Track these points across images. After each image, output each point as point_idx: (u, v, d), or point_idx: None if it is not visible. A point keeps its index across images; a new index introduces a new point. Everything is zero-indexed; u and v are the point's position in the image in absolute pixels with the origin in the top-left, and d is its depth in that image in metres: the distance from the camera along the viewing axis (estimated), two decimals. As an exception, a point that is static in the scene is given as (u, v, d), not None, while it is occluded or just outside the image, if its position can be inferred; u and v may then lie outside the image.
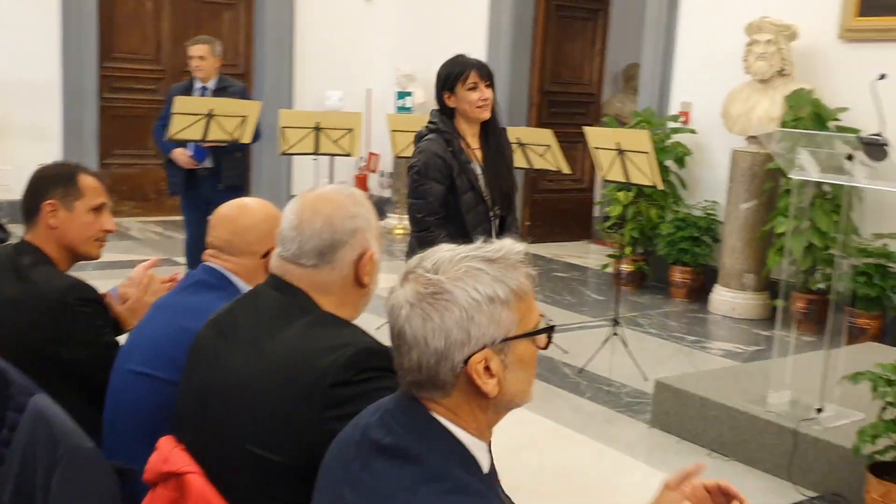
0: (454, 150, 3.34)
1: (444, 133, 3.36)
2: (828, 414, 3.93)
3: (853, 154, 3.70)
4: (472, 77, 3.34)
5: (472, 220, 3.34)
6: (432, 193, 3.32)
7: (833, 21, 6.15)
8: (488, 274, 1.38)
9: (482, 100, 3.35)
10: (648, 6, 7.36)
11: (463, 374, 1.37)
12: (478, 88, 3.35)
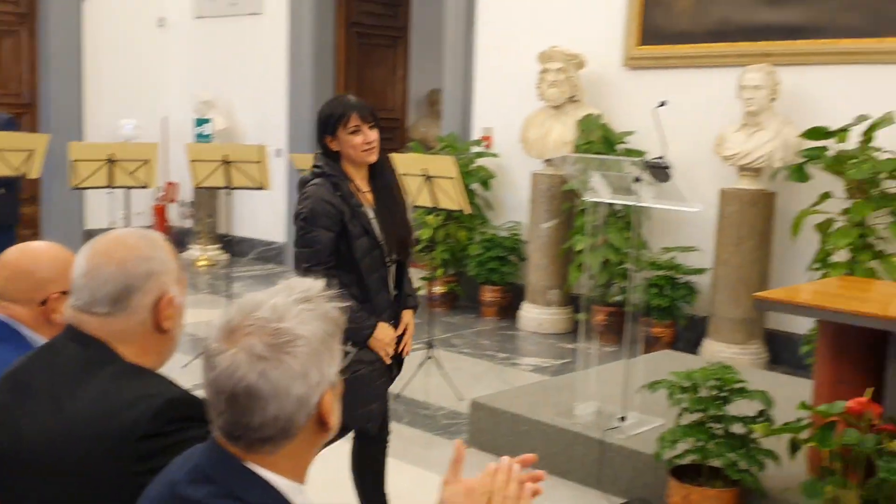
0: (343, 195, 3.13)
1: (332, 177, 3.14)
2: (631, 422, 4.15)
3: (640, 176, 3.95)
4: (354, 120, 3.13)
5: (367, 267, 3.16)
6: (320, 242, 3.11)
7: (617, 50, 6.55)
8: (317, 311, 1.41)
9: (366, 143, 3.14)
10: (447, 34, 7.56)
11: (314, 416, 1.39)
12: (360, 131, 3.14)
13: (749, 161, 5.66)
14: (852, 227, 5.10)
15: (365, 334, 3.13)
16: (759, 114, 5.61)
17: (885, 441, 3.14)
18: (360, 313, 3.10)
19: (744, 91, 5.62)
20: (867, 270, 5.04)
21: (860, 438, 3.15)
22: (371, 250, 3.15)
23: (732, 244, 5.73)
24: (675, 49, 6.25)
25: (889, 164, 5.00)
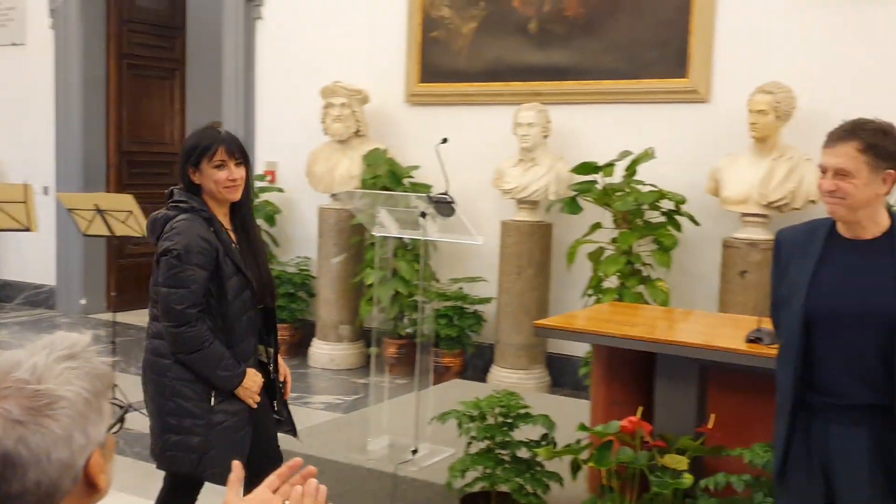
0: (216, 230, 2.94)
1: (201, 211, 2.94)
2: (423, 453, 4.20)
3: (426, 211, 4.04)
4: (220, 154, 2.93)
5: (237, 309, 2.96)
6: (195, 281, 2.86)
7: (399, 86, 6.69)
8: (82, 369, 1.33)
9: (230, 180, 2.95)
10: (225, 66, 7.42)
11: (81, 479, 1.32)
12: (226, 167, 2.94)
13: (526, 194, 5.93)
14: (620, 255, 5.45)
15: (235, 382, 2.97)
16: (534, 150, 5.90)
17: (656, 457, 3.36)
18: (231, 360, 2.94)
19: (518, 128, 5.90)
20: (635, 295, 5.40)
21: (634, 456, 3.35)
22: (241, 291, 2.96)
23: (514, 273, 5.96)
24: (453, 87, 6.47)
25: (650, 195, 5.39)
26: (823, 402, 2.54)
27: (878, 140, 2.44)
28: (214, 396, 2.93)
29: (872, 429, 2.48)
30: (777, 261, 2.69)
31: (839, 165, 2.46)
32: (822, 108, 5.05)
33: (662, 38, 5.75)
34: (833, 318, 2.50)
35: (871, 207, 2.49)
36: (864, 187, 2.45)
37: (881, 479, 2.47)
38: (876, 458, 2.47)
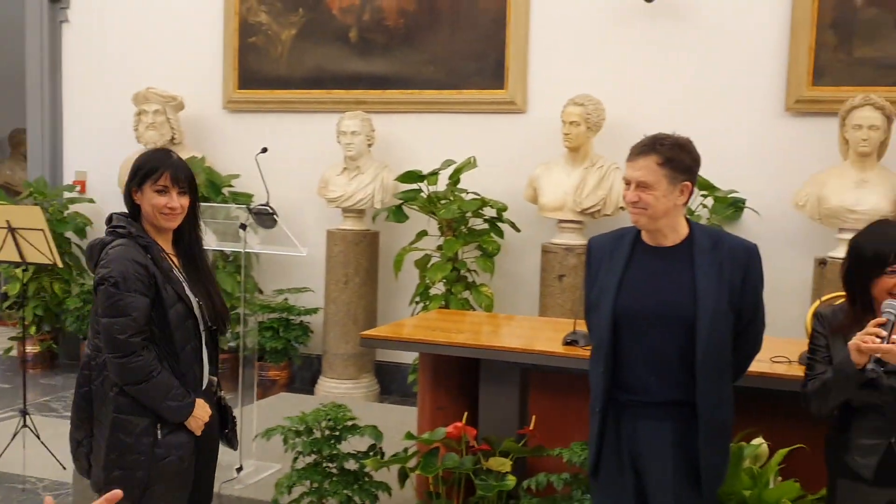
0: (154, 257, 2.75)
1: (139, 237, 2.76)
2: (248, 471, 4.09)
3: (246, 223, 3.94)
4: (164, 179, 2.74)
5: (181, 337, 2.77)
6: (136, 308, 2.68)
7: (217, 92, 6.51)
8: None
9: (168, 207, 2.76)
10: (29, 72, 6.99)
11: None
12: (167, 193, 2.75)
13: (352, 203, 5.91)
14: (446, 262, 5.53)
15: (184, 413, 2.77)
16: (358, 158, 5.89)
17: (481, 461, 3.42)
18: (180, 390, 2.75)
19: (342, 136, 5.87)
20: (461, 301, 5.50)
21: (459, 461, 3.40)
22: (186, 319, 2.78)
23: (341, 283, 5.93)
24: (273, 94, 6.37)
25: (473, 203, 5.51)
26: (631, 399, 2.67)
27: (674, 154, 2.60)
28: (159, 429, 2.75)
29: (676, 423, 2.63)
30: (589, 267, 2.80)
31: (640, 178, 2.60)
32: (629, 120, 5.33)
33: (481, 50, 5.89)
34: (638, 321, 2.63)
35: (670, 217, 2.64)
36: (663, 198, 2.59)
37: (684, 468, 2.62)
38: (679, 450, 2.62)
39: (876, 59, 5.06)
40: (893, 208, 4.79)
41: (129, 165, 6.31)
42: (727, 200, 5.23)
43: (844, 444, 2.60)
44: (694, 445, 2.61)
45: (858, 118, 4.79)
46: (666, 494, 2.63)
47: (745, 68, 5.34)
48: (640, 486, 2.68)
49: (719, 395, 2.63)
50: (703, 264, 2.62)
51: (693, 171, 2.64)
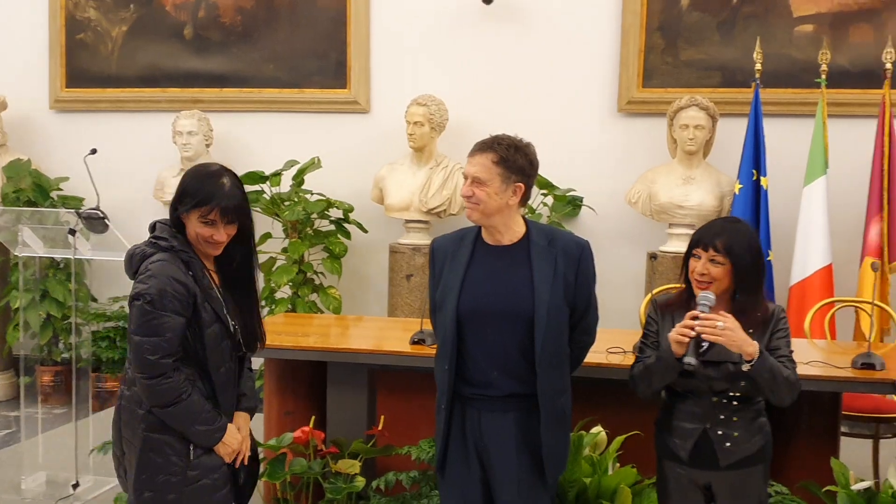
0: (195, 274, 2.60)
1: (181, 252, 2.60)
2: (85, 486, 3.91)
3: (75, 228, 3.75)
4: (214, 214, 2.57)
5: (215, 360, 2.62)
6: (170, 329, 2.53)
7: (43, 91, 6.18)
8: None
9: (213, 239, 2.60)
10: None
11: None
12: (214, 226, 2.58)
13: (191, 205, 5.72)
14: (292, 265, 5.45)
15: (215, 438, 2.62)
16: (196, 159, 5.68)
17: (330, 464, 3.39)
18: (212, 413, 2.61)
19: (178, 137, 5.69)
20: (308, 304, 5.43)
21: (306, 466, 3.36)
22: (222, 340, 2.62)
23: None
24: (104, 93, 6.10)
25: (319, 205, 5.45)
26: (476, 394, 2.73)
27: (510, 154, 2.68)
28: (192, 450, 2.60)
29: (518, 414, 2.71)
30: (432, 267, 2.85)
31: (476, 174, 2.68)
32: (472, 120, 5.42)
33: (322, 49, 5.83)
34: (480, 318, 2.70)
35: (503, 215, 2.72)
36: (495, 195, 2.68)
37: (527, 458, 2.70)
38: (522, 441, 2.70)
39: (700, 62, 5.34)
40: (718, 204, 5.08)
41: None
42: (565, 199, 5.40)
43: (669, 427, 2.76)
44: (536, 436, 2.70)
45: (685, 118, 5.05)
46: (511, 484, 2.70)
47: (579, 71, 5.53)
48: (487, 479, 2.75)
49: (559, 387, 2.73)
50: (539, 261, 2.71)
51: (527, 173, 2.72)
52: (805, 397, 3.38)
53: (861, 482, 3.13)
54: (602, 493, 3.14)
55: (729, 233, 2.66)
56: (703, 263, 2.65)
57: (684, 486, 2.75)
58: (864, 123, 4.99)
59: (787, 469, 3.27)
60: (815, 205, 4.93)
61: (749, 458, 2.68)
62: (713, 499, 2.74)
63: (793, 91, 5.18)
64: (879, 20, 5.08)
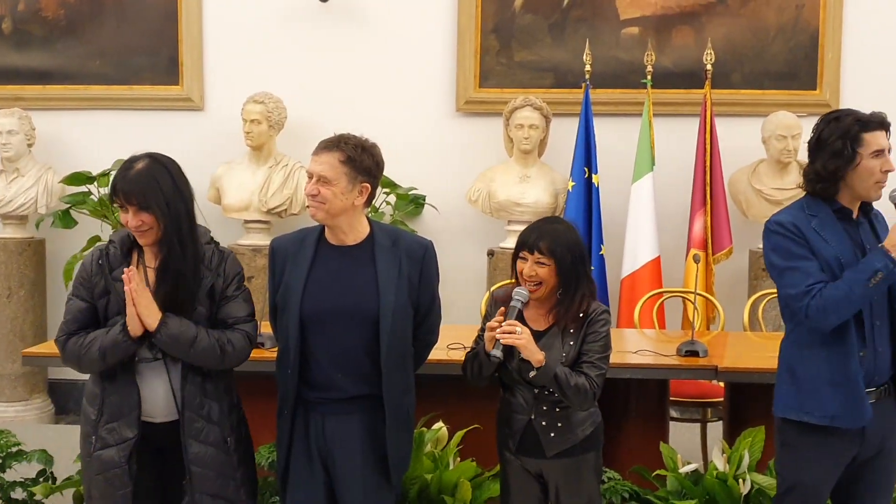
0: (105, 265, 2.63)
1: (111, 243, 2.69)
2: None
3: None
4: (118, 200, 2.59)
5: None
6: (70, 311, 2.66)
7: None
8: None
9: (127, 224, 2.60)
10: None
11: None
12: (126, 211, 2.58)
13: (12, 209, 5.42)
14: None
15: (117, 332, 2.57)
16: (17, 160, 5.42)
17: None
18: (107, 328, 2.60)
19: (-8, 136, 5.37)
20: (141, 309, 5.22)
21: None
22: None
23: (3, 297, 5.42)
24: None
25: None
26: (319, 396, 2.70)
27: (357, 154, 2.66)
28: (94, 443, 2.59)
29: (363, 416, 2.69)
30: (273, 268, 2.79)
31: (321, 172, 2.64)
32: (311, 119, 5.36)
33: (152, 45, 5.64)
34: (324, 319, 2.67)
35: (348, 215, 2.70)
36: (341, 195, 2.65)
37: (372, 459, 2.69)
38: (367, 442, 2.69)
39: (533, 63, 5.48)
40: (553, 201, 5.23)
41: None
42: (408, 198, 5.43)
43: (504, 419, 2.83)
44: (381, 437, 2.69)
45: (520, 118, 5.17)
46: (355, 486, 2.69)
47: (418, 70, 5.57)
48: (331, 483, 2.72)
49: (403, 386, 2.74)
50: (383, 262, 2.70)
51: (373, 173, 2.71)
52: (634, 385, 3.55)
53: (689, 465, 3.29)
54: (443, 489, 3.17)
55: (550, 234, 2.73)
56: (530, 266, 2.72)
57: (520, 475, 2.81)
58: (688, 122, 5.27)
59: (618, 455, 3.40)
60: (644, 200, 5.17)
61: (578, 447, 2.76)
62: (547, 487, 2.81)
63: (621, 91, 5.40)
64: (700, 23, 5.37)
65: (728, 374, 3.41)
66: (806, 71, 5.30)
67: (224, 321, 2.68)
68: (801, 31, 5.31)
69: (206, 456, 2.63)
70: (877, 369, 2.63)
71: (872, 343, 2.62)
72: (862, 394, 2.58)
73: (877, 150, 2.61)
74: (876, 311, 2.63)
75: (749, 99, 5.34)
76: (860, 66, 5.29)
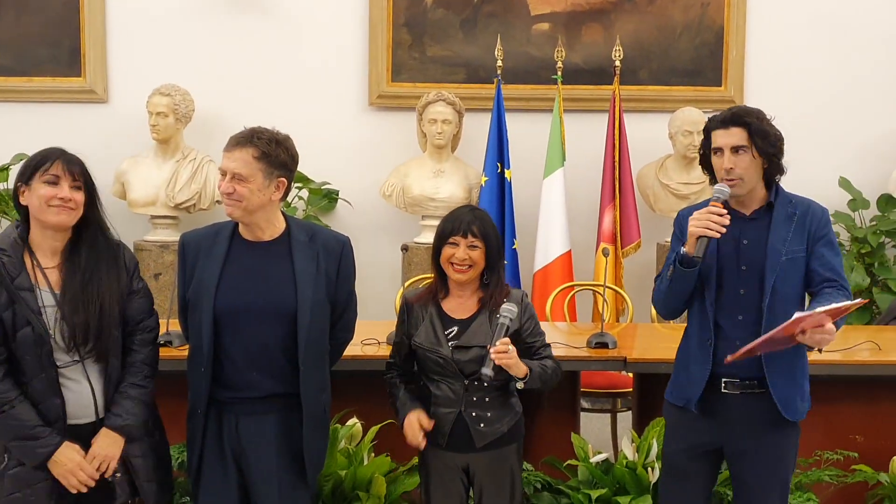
0: (2, 273, 2.44)
1: (3, 250, 2.48)
2: None
3: None
4: (55, 168, 2.48)
5: (31, 366, 2.44)
6: None
7: None
8: None
9: (59, 198, 2.46)
10: None
11: None
12: (58, 184, 2.47)
13: None
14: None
15: (39, 455, 2.43)
16: None
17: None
18: (38, 429, 2.42)
19: None
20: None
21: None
22: (36, 346, 2.43)
23: None
24: None
25: (52, 201, 5.07)
26: (233, 396, 2.65)
27: (271, 149, 2.61)
28: (6, 460, 2.45)
29: (279, 415, 2.66)
30: (183, 264, 2.73)
31: (236, 170, 2.59)
32: (220, 112, 5.26)
33: (53, 36, 5.45)
34: (239, 317, 2.62)
35: (266, 211, 2.66)
36: (258, 192, 2.60)
37: (288, 458, 2.66)
38: (284, 441, 2.66)
39: (445, 58, 5.49)
40: (467, 196, 5.25)
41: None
42: (321, 192, 5.38)
43: (430, 415, 2.80)
44: (297, 435, 2.66)
45: (433, 113, 5.18)
46: (270, 486, 2.65)
47: (330, 64, 5.52)
48: (244, 483, 2.68)
49: (320, 384, 2.71)
50: (300, 258, 2.67)
51: (289, 167, 2.67)
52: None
53: (599, 454, 3.35)
54: (357, 485, 3.15)
55: (480, 219, 2.79)
56: (463, 250, 2.74)
57: (444, 470, 2.81)
58: (597, 118, 5.35)
59: (531, 447, 3.44)
60: (555, 195, 5.24)
61: (502, 438, 2.80)
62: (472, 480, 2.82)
63: (532, 87, 5.45)
64: (609, 20, 5.46)
65: (636, 364, 3.48)
66: (711, 68, 5.45)
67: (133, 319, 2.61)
68: (706, 28, 5.45)
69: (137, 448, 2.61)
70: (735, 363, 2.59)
71: (723, 332, 2.66)
72: (694, 378, 2.68)
73: (715, 147, 2.69)
74: (743, 305, 2.66)
75: (656, 95, 5.46)
76: (763, 63, 5.47)
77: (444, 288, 2.83)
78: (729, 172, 2.64)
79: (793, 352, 2.62)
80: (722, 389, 2.68)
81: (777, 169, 2.69)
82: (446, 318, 2.79)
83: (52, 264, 2.54)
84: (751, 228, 2.70)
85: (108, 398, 2.56)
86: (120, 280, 2.59)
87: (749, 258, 2.66)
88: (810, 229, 2.67)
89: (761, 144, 2.63)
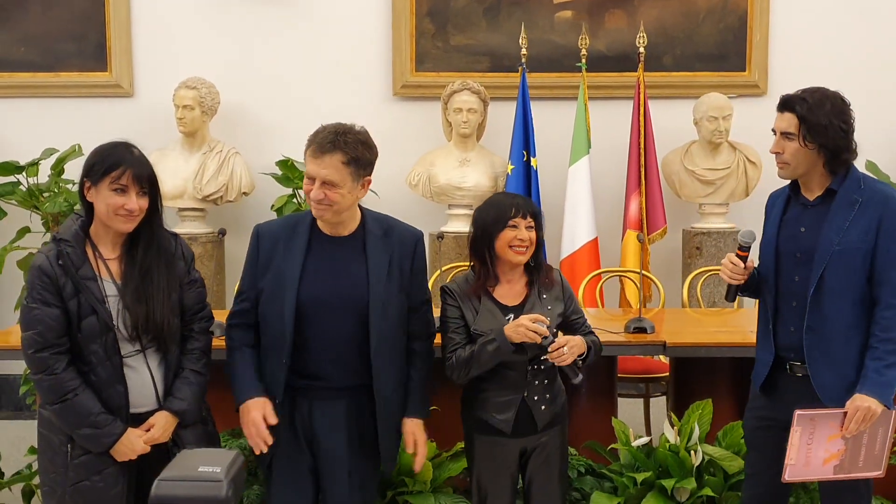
0: (68, 264, 2.47)
1: (61, 241, 2.52)
2: None
3: None
4: (125, 178, 2.48)
5: (93, 355, 2.48)
6: (41, 321, 2.45)
7: None
8: None
9: (126, 209, 2.49)
10: None
11: None
12: (126, 193, 2.48)
13: (-67, 201, 5.21)
14: (54, 261, 5.08)
15: (104, 443, 2.48)
16: (-62, 149, 5.20)
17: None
18: (102, 416, 2.47)
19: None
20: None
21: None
22: (101, 334, 2.47)
23: (-74, 293, 5.21)
24: None
25: (81, 195, 5.11)
26: (308, 385, 2.67)
27: (359, 153, 2.60)
28: (70, 450, 2.49)
29: (350, 401, 2.69)
30: (256, 253, 2.73)
31: (327, 177, 2.58)
32: (244, 104, 5.29)
33: (79, 31, 5.47)
34: (319, 309, 2.64)
35: (351, 209, 2.68)
36: (348, 195, 2.62)
37: (357, 444, 2.69)
38: (353, 423, 2.68)
39: (469, 47, 5.50)
40: (493, 184, 5.27)
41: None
42: (347, 182, 5.39)
43: (482, 404, 2.80)
44: (368, 423, 2.69)
45: (458, 102, 5.19)
46: (341, 470, 2.67)
47: (353, 55, 5.53)
48: (317, 469, 2.70)
49: (396, 380, 2.72)
50: (374, 252, 2.68)
51: (373, 164, 2.68)
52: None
53: (640, 438, 3.38)
54: (403, 470, 3.19)
55: (528, 202, 2.84)
56: (524, 230, 2.76)
57: (501, 456, 2.81)
58: (622, 105, 5.36)
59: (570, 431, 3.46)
60: (580, 183, 5.25)
61: (556, 418, 2.84)
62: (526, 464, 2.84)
63: (556, 75, 5.46)
64: (632, 6, 5.46)
65: (676, 349, 3.50)
66: (735, 53, 5.45)
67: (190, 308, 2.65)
68: (729, 13, 5.45)
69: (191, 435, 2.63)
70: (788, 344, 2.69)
71: (781, 318, 2.71)
72: (761, 360, 2.77)
73: (773, 129, 2.74)
74: (796, 292, 2.67)
75: (681, 81, 5.46)
76: (787, 47, 5.46)
77: (493, 275, 2.81)
78: (777, 157, 2.66)
79: (842, 340, 2.61)
80: (787, 371, 2.72)
81: (835, 157, 2.63)
82: (501, 307, 2.78)
83: (113, 255, 2.57)
84: (810, 215, 2.68)
85: (168, 386, 2.59)
86: (178, 270, 2.62)
87: (804, 246, 2.65)
88: (881, 218, 2.58)
89: (808, 133, 2.61)
